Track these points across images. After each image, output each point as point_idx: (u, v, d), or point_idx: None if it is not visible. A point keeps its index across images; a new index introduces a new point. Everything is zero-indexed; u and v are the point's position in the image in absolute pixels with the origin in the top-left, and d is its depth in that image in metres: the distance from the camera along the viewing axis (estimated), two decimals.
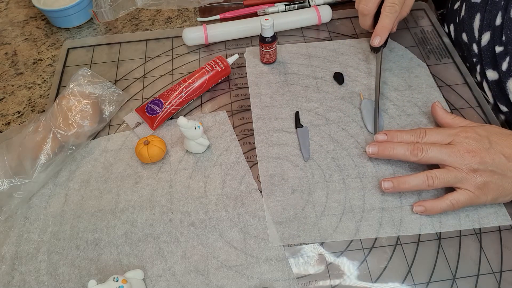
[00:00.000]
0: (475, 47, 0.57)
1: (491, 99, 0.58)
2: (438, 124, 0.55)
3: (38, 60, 0.71)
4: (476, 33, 0.56)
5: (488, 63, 0.56)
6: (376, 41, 0.58)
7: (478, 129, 0.48)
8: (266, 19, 0.59)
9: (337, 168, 0.53)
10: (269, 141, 0.56)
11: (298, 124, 0.57)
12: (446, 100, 0.59)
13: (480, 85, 0.60)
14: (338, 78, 0.62)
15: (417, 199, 0.50)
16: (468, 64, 0.63)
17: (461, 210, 0.49)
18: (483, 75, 0.58)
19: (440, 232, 0.48)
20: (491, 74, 0.56)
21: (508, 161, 0.45)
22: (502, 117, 0.59)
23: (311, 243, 0.47)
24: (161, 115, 0.58)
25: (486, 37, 0.55)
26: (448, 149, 0.47)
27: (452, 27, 0.63)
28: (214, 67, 0.61)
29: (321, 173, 0.53)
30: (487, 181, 0.45)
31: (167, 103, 0.58)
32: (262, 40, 0.62)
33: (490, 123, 0.56)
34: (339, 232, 0.48)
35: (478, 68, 0.58)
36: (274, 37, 0.61)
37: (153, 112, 0.58)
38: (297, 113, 0.58)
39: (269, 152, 0.55)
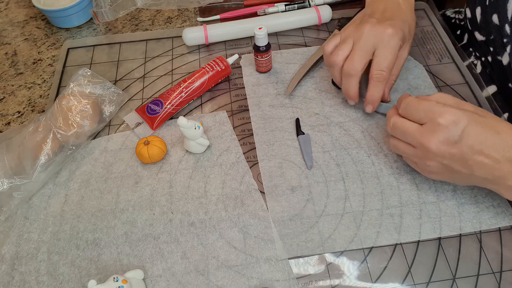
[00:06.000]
0: (507, 27, 0.58)
1: None
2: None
3: (38, 60, 0.71)
4: (510, 14, 0.57)
5: None
6: (369, 109, 0.56)
7: (459, 114, 0.42)
8: (260, 28, 0.58)
9: (339, 171, 0.53)
10: (271, 150, 0.55)
11: (299, 131, 0.56)
12: None
13: (507, 67, 0.60)
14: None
15: (418, 205, 0.50)
16: (492, 49, 0.63)
17: (462, 211, 0.49)
18: None
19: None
20: None
21: (471, 155, 0.42)
22: None
23: (318, 254, 0.47)
24: (161, 115, 0.58)
25: None
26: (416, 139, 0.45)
27: (479, 9, 0.63)
28: (214, 67, 0.61)
29: (322, 177, 0.53)
30: (436, 172, 0.46)
31: (167, 103, 0.58)
32: (256, 49, 0.60)
33: None
34: (341, 237, 0.48)
35: (508, 48, 0.58)
36: (268, 46, 0.60)
37: (153, 112, 0.58)
38: (297, 120, 0.58)
39: (271, 161, 0.54)
